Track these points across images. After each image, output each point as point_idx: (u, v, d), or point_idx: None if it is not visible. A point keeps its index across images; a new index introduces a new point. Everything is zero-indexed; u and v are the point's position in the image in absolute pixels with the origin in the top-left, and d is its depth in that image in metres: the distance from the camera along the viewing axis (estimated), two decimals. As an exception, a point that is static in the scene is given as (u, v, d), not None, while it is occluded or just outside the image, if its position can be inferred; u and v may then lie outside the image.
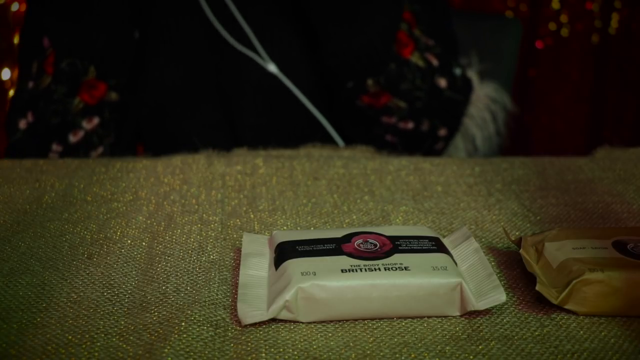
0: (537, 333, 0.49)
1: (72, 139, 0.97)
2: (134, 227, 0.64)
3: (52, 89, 0.96)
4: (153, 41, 1.01)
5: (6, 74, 1.79)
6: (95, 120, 0.97)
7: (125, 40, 0.97)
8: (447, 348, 0.47)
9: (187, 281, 0.55)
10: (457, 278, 0.51)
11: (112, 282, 0.55)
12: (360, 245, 0.54)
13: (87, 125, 0.97)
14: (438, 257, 0.53)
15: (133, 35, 0.98)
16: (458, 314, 0.51)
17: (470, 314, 0.51)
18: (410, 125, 1.00)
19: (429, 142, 1.03)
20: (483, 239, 0.63)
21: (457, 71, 1.02)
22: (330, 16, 0.95)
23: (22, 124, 0.97)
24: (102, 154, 0.99)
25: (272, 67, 1.00)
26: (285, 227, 0.65)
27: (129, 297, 0.53)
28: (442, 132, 1.02)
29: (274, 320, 0.50)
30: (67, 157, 0.96)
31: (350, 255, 0.52)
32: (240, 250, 0.57)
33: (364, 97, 0.98)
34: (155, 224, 0.65)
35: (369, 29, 0.95)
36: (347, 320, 0.50)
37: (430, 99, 0.99)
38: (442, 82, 0.99)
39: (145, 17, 1.00)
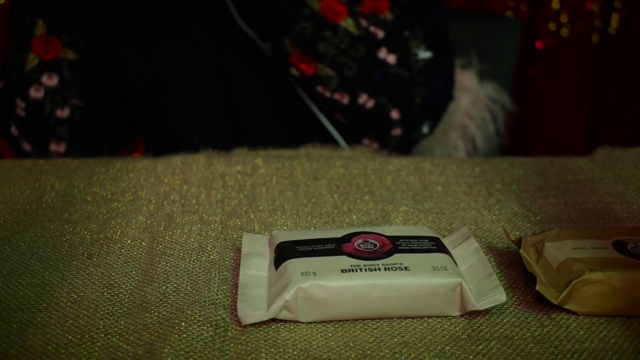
0: (537, 333, 0.49)
1: (34, 94, 0.97)
2: (134, 227, 0.64)
3: (11, 44, 0.97)
4: (153, 15, 1.00)
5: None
6: (55, 78, 0.97)
7: None
8: (447, 348, 0.47)
9: (187, 281, 0.55)
10: (457, 278, 0.51)
11: (112, 282, 0.55)
12: (360, 245, 0.54)
13: (47, 81, 0.97)
14: (438, 257, 0.53)
15: None
16: (458, 314, 0.51)
17: (470, 314, 0.51)
18: (345, 99, 0.97)
19: (382, 125, 0.99)
20: (483, 239, 0.63)
21: (423, 54, 0.97)
22: None
23: None
24: (71, 119, 0.99)
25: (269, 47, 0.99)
26: (285, 227, 0.65)
27: (129, 297, 0.53)
28: (394, 114, 0.98)
29: (274, 320, 0.50)
30: (32, 115, 0.98)
31: (350, 255, 0.52)
32: (240, 250, 0.57)
33: (293, 61, 0.96)
34: (155, 224, 0.65)
35: None
36: (347, 320, 0.50)
37: (364, 70, 0.95)
38: (390, 58, 0.95)
39: None
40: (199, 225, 0.65)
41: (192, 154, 0.79)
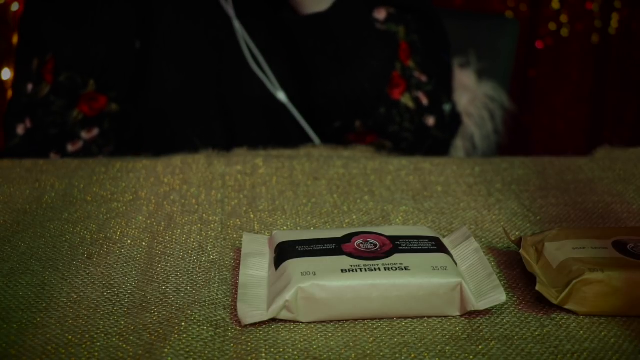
0: (537, 333, 0.49)
1: (71, 148, 0.96)
2: (134, 227, 0.64)
3: (51, 100, 0.94)
4: (155, 47, 1.00)
5: (6, 74, 1.79)
6: (95, 131, 0.96)
7: (126, 53, 0.96)
8: (447, 348, 0.47)
9: (187, 281, 0.55)
10: (457, 278, 0.51)
11: (112, 282, 0.55)
12: (360, 245, 0.54)
13: (86, 135, 0.96)
14: (438, 257, 0.53)
15: (134, 45, 0.97)
16: (458, 314, 0.51)
17: (470, 314, 0.51)
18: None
19: None
20: (483, 239, 0.63)
21: (447, 107, 1.01)
22: (323, 54, 0.94)
23: (20, 129, 0.97)
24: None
25: (281, 95, 0.99)
26: (285, 227, 0.65)
27: (129, 297, 0.53)
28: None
29: (274, 320, 0.50)
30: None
31: (350, 255, 0.52)
32: (240, 250, 0.57)
33: (350, 135, 0.98)
34: (155, 224, 0.65)
35: (361, 73, 0.94)
36: (347, 320, 0.50)
37: (416, 139, 0.98)
38: (430, 121, 0.98)
39: (147, 25, 0.98)
40: (199, 225, 0.65)
41: (192, 154, 0.79)
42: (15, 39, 1.78)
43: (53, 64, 0.94)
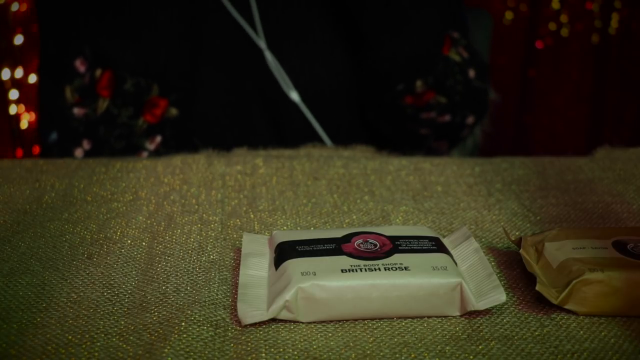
0: (537, 333, 0.49)
1: None
2: (134, 227, 0.64)
3: (114, 113, 0.93)
4: (203, 47, 0.99)
5: (6, 74, 1.79)
6: (158, 139, 0.95)
7: (183, 54, 0.96)
8: (447, 348, 0.47)
9: (187, 281, 0.55)
10: (457, 278, 0.51)
11: (112, 282, 0.55)
12: (360, 245, 0.54)
13: (150, 146, 0.95)
14: (438, 257, 0.53)
15: (188, 48, 0.97)
16: (458, 314, 0.51)
17: (470, 314, 0.51)
18: (447, 118, 1.02)
19: (459, 130, 1.06)
20: (483, 239, 0.63)
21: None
22: (382, 19, 0.96)
23: (79, 153, 0.95)
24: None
25: (294, 95, 1.00)
26: (285, 227, 0.65)
27: (129, 297, 0.53)
28: (470, 119, 1.05)
29: (274, 320, 0.50)
30: None
31: (350, 255, 0.52)
32: (240, 250, 0.57)
33: (407, 97, 0.99)
34: (155, 224, 0.65)
35: (420, 34, 0.96)
36: (347, 320, 0.50)
37: (465, 91, 1.01)
38: (472, 73, 1.02)
39: (195, 31, 0.98)
40: (199, 225, 0.65)
41: (192, 154, 0.79)
42: (15, 39, 1.78)
43: (110, 78, 0.93)
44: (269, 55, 0.99)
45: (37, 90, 1.02)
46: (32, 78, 1.77)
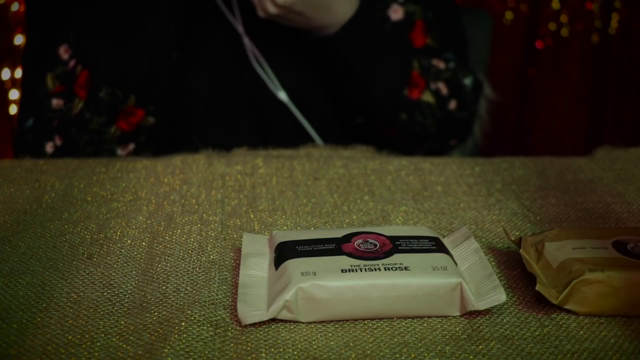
0: (537, 333, 0.49)
1: None
2: (134, 227, 0.64)
3: (87, 117, 0.91)
4: (191, 55, 0.98)
5: (6, 74, 1.79)
6: (131, 146, 0.93)
7: (167, 66, 0.92)
8: (447, 348, 0.47)
9: (187, 281, 0.55)
10: (457, 278, 0.51)
11: (112, 282, 0.55)
12: (360, 245, 0.54)
13: (121, 152, 0.93)
14: (438, 257, 0.53)
15: (173, 58, 0.93)
16: (458, 314, 0.51)
17: (470, 314, 0.51)
18: (421, 147, 1.03)
19: (442, 150, 1.06)
20: (483, 239, 0.63)
21: (468, 81, 1.02)
22: (337, 70, 0.97)
23: (49, 147, 0.93)
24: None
25: (282, 95, 1.00)
26: (285, 227, 0.65)
27: (129, 297, 0.53)
28: (453, 142, 1.05)
29: (274, 320, 0.50)
30: None
31: (350, 255, 0.52)
32: (240, 250, 0.57)
33: (377, 127, 1.00)
34: (155, 224, 0.65)
35: (377, 89, 0.96)
36: (347, 320, 0.50)
37: (440, 124, 1.00)
38: (453, 105, 1.01)
39: (185, 37, 0.96)
40: (199, 225, 0.65)
41: (192, 154, 0.79)
42: (15, 40, 1.78)
43: (87, 79, 0.90)
44: (256, 55, 0.98)
45: (21, 77, 1.00)
46: (32, 78, 1.77)
